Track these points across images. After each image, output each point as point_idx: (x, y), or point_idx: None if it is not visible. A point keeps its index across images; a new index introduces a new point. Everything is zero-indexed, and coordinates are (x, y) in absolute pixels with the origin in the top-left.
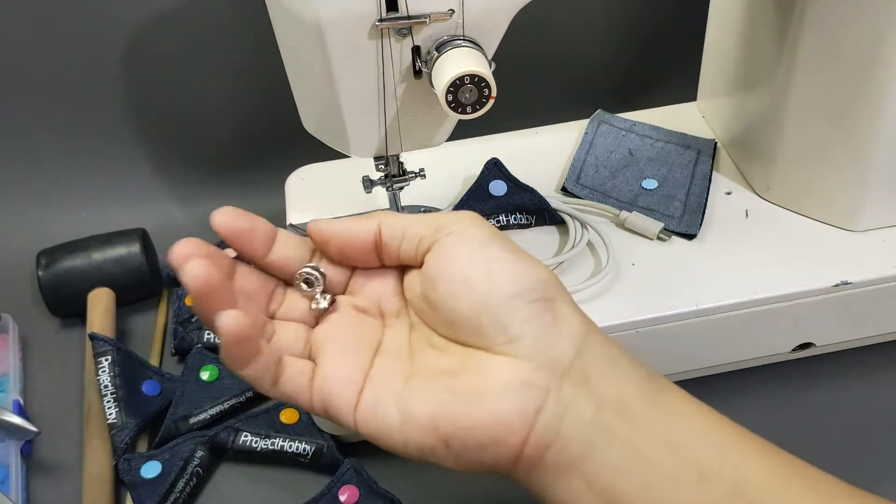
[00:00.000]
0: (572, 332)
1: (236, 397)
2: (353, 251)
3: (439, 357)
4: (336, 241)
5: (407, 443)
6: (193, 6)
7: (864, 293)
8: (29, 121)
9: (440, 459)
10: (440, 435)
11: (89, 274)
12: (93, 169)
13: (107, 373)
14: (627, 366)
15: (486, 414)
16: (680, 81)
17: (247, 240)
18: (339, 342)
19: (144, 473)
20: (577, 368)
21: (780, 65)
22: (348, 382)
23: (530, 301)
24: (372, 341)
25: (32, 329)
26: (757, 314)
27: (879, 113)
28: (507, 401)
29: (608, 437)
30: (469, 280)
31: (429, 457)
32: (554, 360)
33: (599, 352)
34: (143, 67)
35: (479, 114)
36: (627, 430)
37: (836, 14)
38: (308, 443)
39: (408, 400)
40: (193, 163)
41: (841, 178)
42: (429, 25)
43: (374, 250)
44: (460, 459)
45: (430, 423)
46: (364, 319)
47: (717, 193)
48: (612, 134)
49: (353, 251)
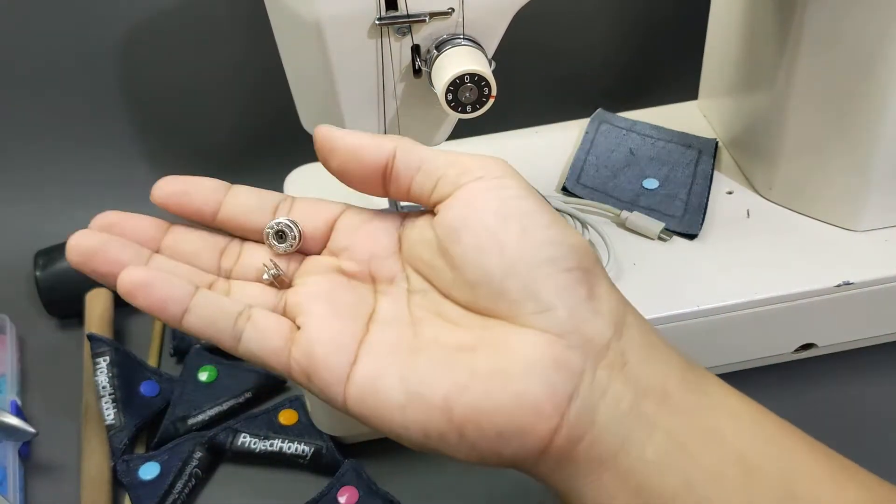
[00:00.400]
0: (610, 310)
1: (235, 398)
2: (357, 169)
3: (451, 329)
4: (343, 152)
5: (409, 426)
6: (193, 6)
7: (866, 293)
8: (27, 121)
9: (448, 448)
10: (454, 420)
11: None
12: (91, 169)
13: (105, 373)
14: (667, 351)
15: (512, 396)
16: (681, 80)
17: (185, 202)
18: (325, 303)
19: (143, 474)
20: (615, 350)
21: (781, 64)
22: (340, 348)
23: (566, 269)
24: (364, 308)
25: (30, 329)
26: (758, 314)
27: (881, 112)
28: (535, 383)
29: (647, 428)
30: (498, 235)
31: (434, 444)
32: (589, 340)
33: (638, 334)
34: (143, 67)
35: (478, 113)
36: (668, 421)
37: (837, 13)
38: (307, 444)
39: (415, 376)
40: (192, 162)
41: (843, 178)
42: (428, 24)
43: (381, 175)
44: (474, 450)
45: (443, 404)
46: (352, 284)
47: (718, 193)
48: (612, 133)
49: (358, 169)
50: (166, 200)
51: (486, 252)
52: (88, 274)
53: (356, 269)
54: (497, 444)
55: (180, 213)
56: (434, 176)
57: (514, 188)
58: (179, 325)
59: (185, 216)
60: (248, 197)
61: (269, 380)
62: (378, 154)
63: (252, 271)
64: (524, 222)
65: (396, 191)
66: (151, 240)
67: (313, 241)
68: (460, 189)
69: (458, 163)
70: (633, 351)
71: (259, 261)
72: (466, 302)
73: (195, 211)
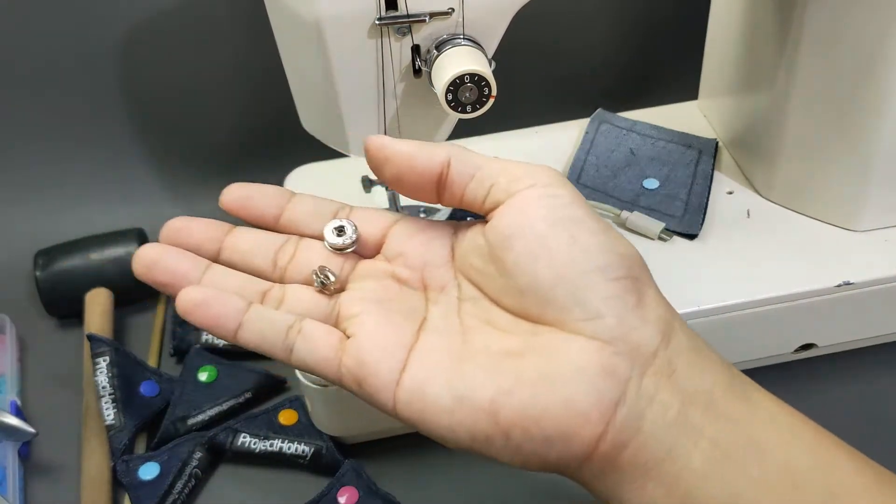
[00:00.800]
0: (658, 318)
1: (235, 398)
2: (412, 177)
3: (500, 336)
4: (397, 161)
5: (455, 429)
6: (193, 6)
7: (866, 293)
8: (27, 121)
9: (494, 451)
10: (500, 423)
11: (87, 274)
12: (91, 169)
13: (104, 373)
14: (714, 358)
15: (558, 401)
16: (681, 80)
17: (250, 206)
18: (376, 310)
19: (143, 475)
20: (662, 359)
21: (781, 64)
22: (390, 355)
23: (615, 277)
24: (415, 315)
25: (30, 330)
26: (759, 314)
27: (881, 112)
28: (582, 388)
29: (694, 436)
30: (549, 243)
31: (480, 447)
32: (636, 347)
33: (685, 342)
34: (142, 67)
35: (479, 113)
36: (715, 430)
37: (837, 13)
38: (307, 444)
39: (462, 381)
40: (192, 162)
41: (843, 178)
42: (428, 24)
43: (435, 183)
44: (519, 453)
45: (490, 407)
46: (404, 290)
47: (718, 193)
48: (612, 133)
49: (413, 178)
50: (232, 205)
51: (537, 259)
52: (151, 285)
53: (409, 275)
54: (542, 448)
55: (245, 217)
56: (486, 183)
57: (565, 196)
58: (234, 339)
59: (249, 220)
60: (309, 203)
61: (269, 380)
62: (433, 162)
63: (306, 269)
64: (574, 230)
65: (450, 198)
66: (213, 240)
67: (368, 246)
68: (512, 197)
69: (510, 171)
70: (680, 359)
71: (313, 257)
72: (516, 309)
73: (259, 216)
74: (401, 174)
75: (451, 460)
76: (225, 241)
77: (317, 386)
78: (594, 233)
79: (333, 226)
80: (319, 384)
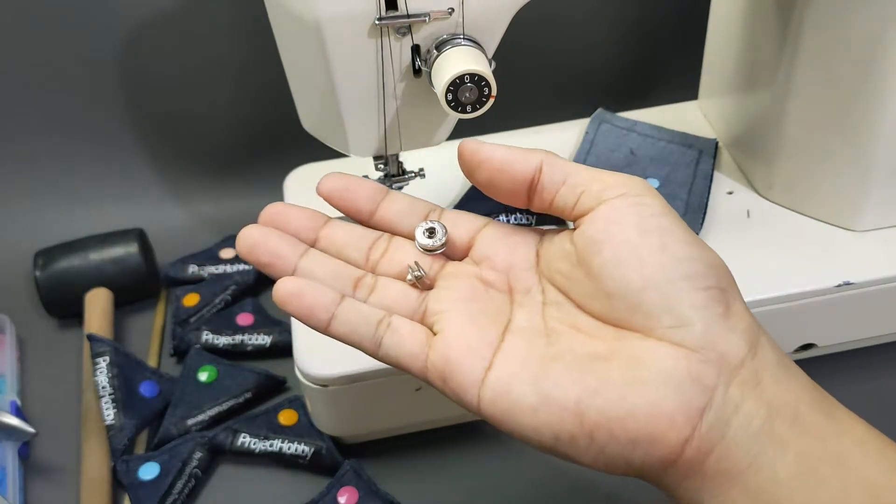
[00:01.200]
0: (745, 329)
1: (235, 398)
2: (504, 182)
3: (585, 340)
4: (490, 165)
5: (540, 429)
6: (193, 6)
7: (866, 294)
8: (26, 120)
9: (577, 452)
10: (585, 423)
11: (87, 274)
12: (91, 169)
13: (104, 374)
14: (799, 373)
15: (645, 404)
16: (681, 80)
17: (347, 198)
18: (463, 309)
19: (142, 475)
20: (749, 369)
21: (781, 64)
22: (476, 353)
23: (703, 287)
24: (500, 316)
25: (30, 330)
26: (758, 314)
27: (880, 112)
28: (670, 393)
29: (779, 447)
30: (639, 250)
31: (564, 447)
32: (723, 356)
33: (771, 355)
34: (142, 67)
35: (479, 113)
36: (800, 443)
37: (837, 13)
38: (307, 444)
39: (548, 381)
40: (192, 162)
41: (843, 178)
42: (428, 24)
43: (527, 187)
44: (602, 455)
45: (575, 408)
46: (490, 292)
47: (718, 193)
48: (613, 133)
49: (505, 182)
50: (330, 194)
51: (626, 265)
52: (253, 264)
53: (495, 278)
54: (626, 450)
55: (342, 208)
56: (577, 190)
57: (655, 206)
58: (326, 330)
59: (344, 212)
60: (403, 202)
61: (269, 380)
62: (526, 168)
63: (397, 266)
64: (664, 239)
65: (539, 203)
66: (310, 229)
67: (457, 248)
68: (603, 204)
69: (600, 179)
70: (766, 371)
71: (404, 256)
72: (602, 314)
73: (355, 209)
74: (493, 179)
75: (451, 460)
76: (321, 232)
77: (316, 386)
78: (684, 243)
79: (425, 227)
80: (319, 384)
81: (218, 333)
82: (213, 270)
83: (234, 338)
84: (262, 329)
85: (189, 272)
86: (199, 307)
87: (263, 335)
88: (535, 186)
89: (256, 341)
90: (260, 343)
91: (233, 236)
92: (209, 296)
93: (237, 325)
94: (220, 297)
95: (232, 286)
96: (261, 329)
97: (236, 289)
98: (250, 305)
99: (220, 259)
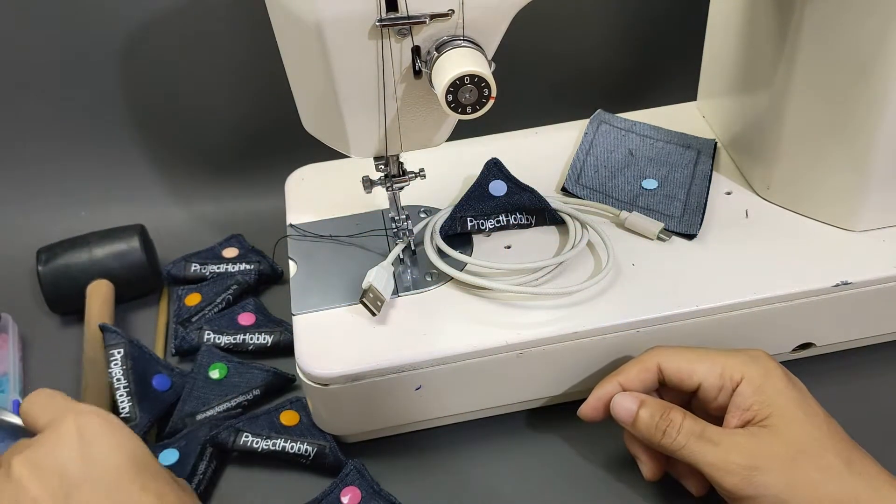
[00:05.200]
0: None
1: (244, 395)
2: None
3: None
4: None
5: None
6: (193, 6)
7: (864, 293)
8: (29, 120)
9: None
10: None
11: (89, 269)
12: (93, 168)
13: (119, 366)
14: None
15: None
16: (680, 81)
17: (604, 415)
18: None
19: (162, 461)
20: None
21: (780, 65)
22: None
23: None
24: None
25: (32, 328)
26: (757, 314)
27: (878, 113)
28: None
29: None
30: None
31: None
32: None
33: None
34: (143, 67)
35: (479, 114)
36: None
37: (836, 14)
38: (310, 444)
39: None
40: (193, 162)
41: (841, 179)
42: (428, 25)
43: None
44: None
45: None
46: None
47: (717, 193)
48: (612, 134)
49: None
50: (594, 418)
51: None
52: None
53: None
54: None
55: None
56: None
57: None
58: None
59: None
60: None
61: (278, 377)
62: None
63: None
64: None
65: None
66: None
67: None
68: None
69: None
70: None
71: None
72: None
73: (617, 419)
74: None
75: (452, 460)
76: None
77: (317, 385)
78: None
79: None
80: (320, 383)
81: (220, 333)
82: (214, 269)
83: (235, 337)
84: (263, 329)
85: (191, 271)
86: (201, 307)
87: (265, 335)
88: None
89: (258, 341)
90: (261, 343)
91: (235, 236)
92: (211, 295)
93: (239, 324)
94: (221, 297)
95: (234, 286)
96: (262, 329)
97: (238, 288)
98: (252, 305)
99: (222, 258)
